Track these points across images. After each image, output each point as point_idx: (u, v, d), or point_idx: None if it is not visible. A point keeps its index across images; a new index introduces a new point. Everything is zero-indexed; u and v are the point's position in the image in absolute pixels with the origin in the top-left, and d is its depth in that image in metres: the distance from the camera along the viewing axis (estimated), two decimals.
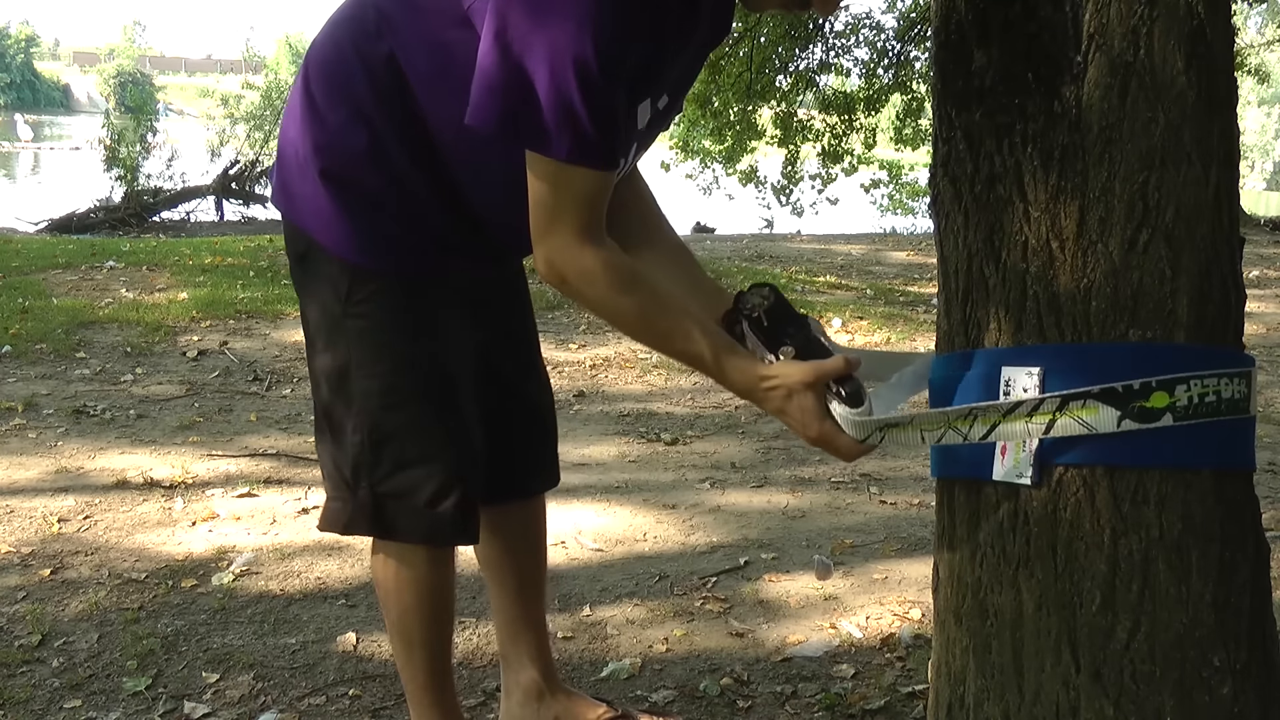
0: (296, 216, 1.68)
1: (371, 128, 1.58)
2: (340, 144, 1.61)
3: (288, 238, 1.74)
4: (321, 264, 1.67)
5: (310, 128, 1.63)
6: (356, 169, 1.61)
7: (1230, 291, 1.40)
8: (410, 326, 1.67)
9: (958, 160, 1.43)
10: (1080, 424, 1.33)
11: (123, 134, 15.34)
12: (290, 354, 5.19)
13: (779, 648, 2.43)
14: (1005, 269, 1.40)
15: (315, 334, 1.72)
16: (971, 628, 1.48)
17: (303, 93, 1.65)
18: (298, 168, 1.65)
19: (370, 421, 1.68)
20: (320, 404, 1.75)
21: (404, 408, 1.69)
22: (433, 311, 1.69)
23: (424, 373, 1.69)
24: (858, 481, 3.62)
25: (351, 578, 2.77)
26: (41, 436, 3.92)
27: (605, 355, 5.31)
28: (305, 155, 1.63)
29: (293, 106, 1.68)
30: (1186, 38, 1.32)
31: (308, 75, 1.65)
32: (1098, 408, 1.33)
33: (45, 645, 2.39)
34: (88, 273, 6.90)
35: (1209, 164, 1.36)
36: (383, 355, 1.67)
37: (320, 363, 1.72)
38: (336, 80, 1.61)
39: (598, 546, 3.00)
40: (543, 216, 1.45)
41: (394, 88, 1.56)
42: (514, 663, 2.03)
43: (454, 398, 1.72)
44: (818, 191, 15.98)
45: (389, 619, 1.82)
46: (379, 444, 1.69)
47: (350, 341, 1.67)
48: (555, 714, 2.01)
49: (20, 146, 35.96)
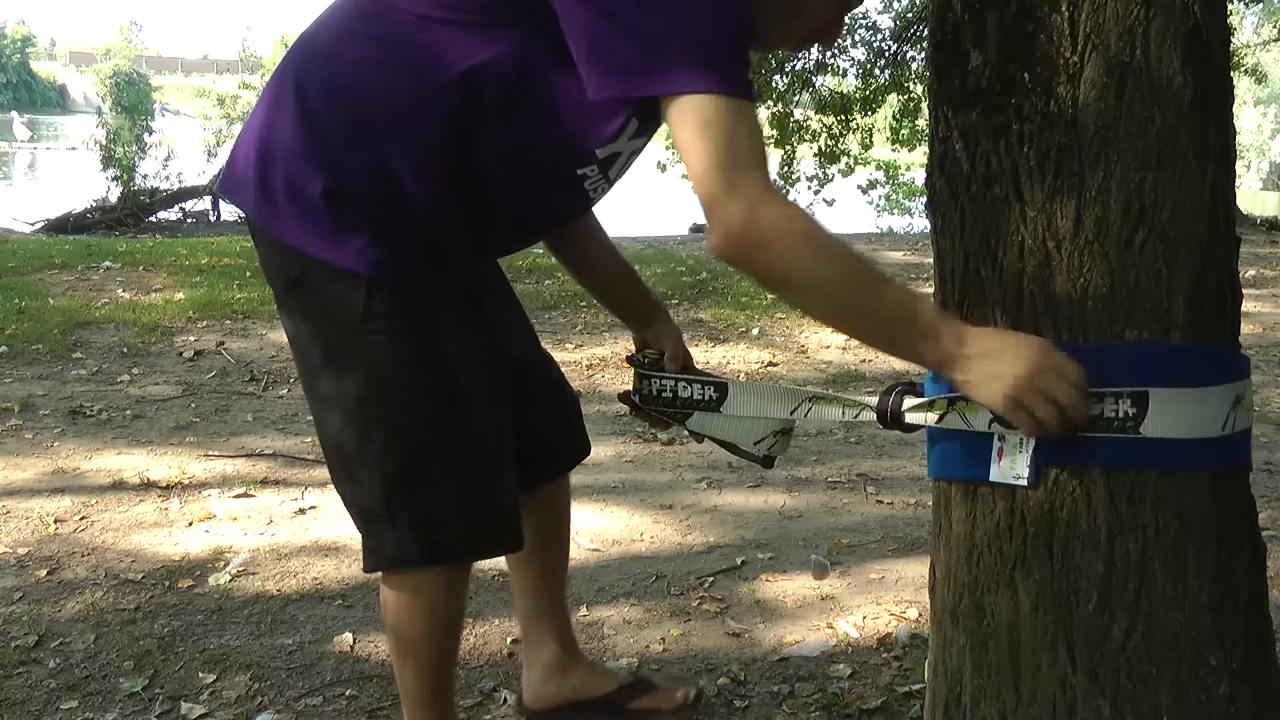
0: (289, 237, 1.54)
1: (395, 141, 1.48)
2: (352, 162, 1.49)
3: (274, 262, 1.59)
4: (325, 284, 1.54)
5: (312, 144, 1.50)
6: (371, 185, 1.50)
7: (1227, 291, 1.40)
8: (432, 336, 1.58)
9: (954, 160, 1.43)
10: (962, 419, 1.40)
11: (119, 134, 15.30)
12: (286, 355, 5.17)
13: (776, 648, 2.43)
14: (1002, 269, 1.40)
15: (325, 361, 1.59)
16: (968, 627, 1.48)
17: (298, 106, 1.51)
18: (287, 185, 1.52)
19: (403, 441, 1.58)
20: (334, 438, 1.62)
21: (436, 421, 1.59)
22: (449, 318, 1.61)
23: (450, 382, 1.60)
24: (854, 481, 3.62)
25: (348, 578, 2.76)
26: (38, 437, 3.91)
27: (602, 355, 5.31)
28: (301, 172, 1.50)
29: (277, 119, 1.53)
30: (1183, 38, 1.32)
31: (303, 87, 1.52)
32: (978, 409, 1.37)
33: (42, 646, 2.39)
34: (84, 273, 6.89)
35: (1205, 164, 1.36)
36: (409, 370, 1.57)
37: (334, 390, 1.59)
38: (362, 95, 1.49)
39: (594, 547, 3.00)
40: (720, 173, 1.24)
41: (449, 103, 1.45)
42: (536, 641, 2.07)
43: (479, 402, 1.64)
44: (814, 193, 15.97)
45: (398, 645, 1.75)
46: (414, 464, 1.59)
47: (372, 360, 1.56)
48: (577, 685, 2.06)
49: (16, 146, 35.90)
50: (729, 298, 6.73)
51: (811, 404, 1.67)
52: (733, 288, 7.01)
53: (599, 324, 5.81)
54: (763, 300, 6.59)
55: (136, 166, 15.18)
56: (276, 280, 1.61)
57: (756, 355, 5.55)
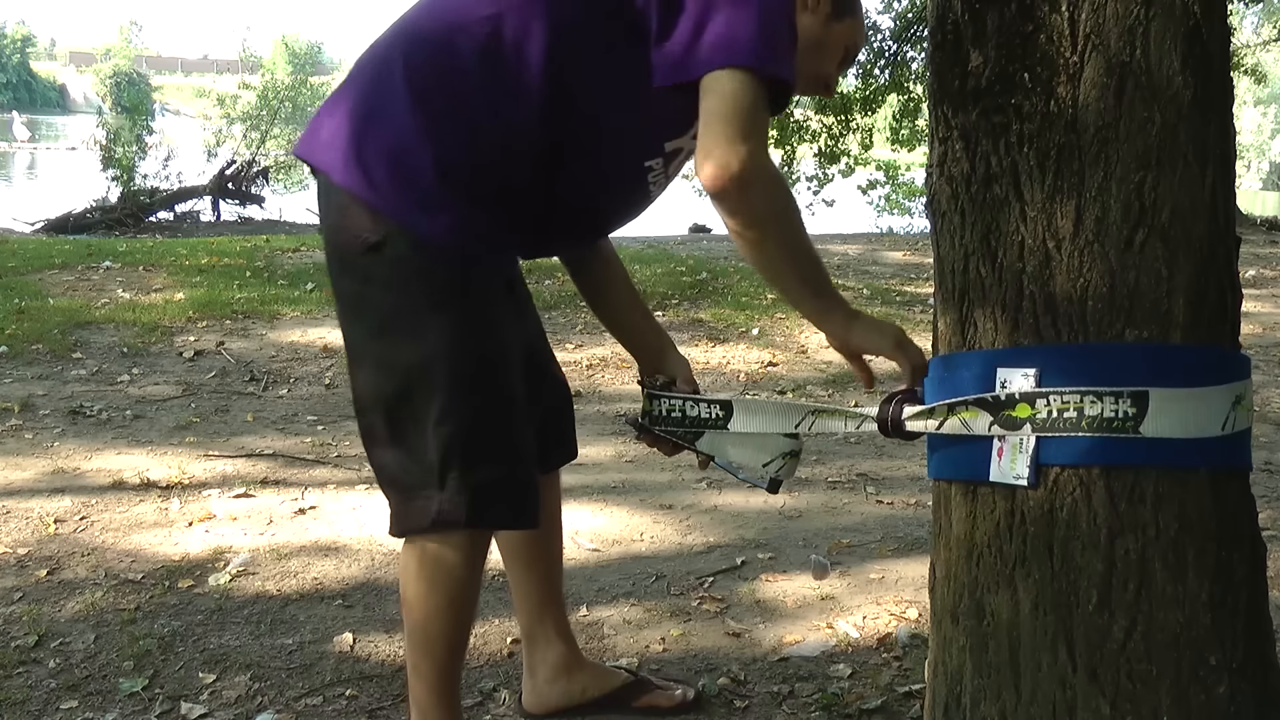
0: (381, 203, 1.63)
1: (494, 127, 1.61)
2: (458, 143, 1.61)
3: (351, 225, 1.66)
4: (406, 251, 1.63)
5: (423, 123, 1.61)
6: (473, 167, 1.62)
7: (1226, 291, 1.40)
8: (493, 312, 1.71)
9: (954, 160, 1.43)
10: (962, 424, 1.43)
11: (119, 134, 15.31)
12: (286, 354, 5.19)
13: (776, 648, 2.43)
14: (1001, 269, 1.40)
15: (392, 325, 1.67)
16: (968, 627, 1.48)
17: (408, 86, 1.62)
18: (391, 157, 1.62)
19: (462, 408, 1.67)
20: (388, 400, 1.70)
21: (492, 394, 1.70)
22: (503, 298, 1.75)
23: (505, 356, 1.72)
24: (854, 481, 3.62)
25: (348, 578, 2.76)
26: (38, 437, 3.91)
27: (602, 355, 5.31)
28: (409, 146, 1.61)
29: (382, 96, 1.64)
30: (1183, 38, 1.33)
31: (414, 69, 1.62)
32: (977, 412, 1.41)
33: (42, 646, 2.39)
34: (84, 273, 6.89)
35: (1205, 164, 1.36)
36: (474, 341, 1.68)
37: (396, 354, 1.68)
38: (467, 82, 1.61)
39: (594, 547, 3.00)
40: (732, 127, 1.47)
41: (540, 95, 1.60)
42: (540, 641, 2.09)
43: (520, 381, 1.76)
44: (814, 193, 15.97)
45: (412, 619, 1.79)
46: (472, 430, 1.68)
47: (441, 328, 1.65)
48: (583, 685, 2.10)
49: (16, 146, 35.91)
50: (729, 298, 6.73)
51: (815, 416, 1.72)
52: (733, 288, 7.01)
53: (599, 324, 5.78)
54: (763, 300, 6.59)
55: (136, 166, 15.19)
56: (350, 244, 1.67)
57: (756, 355, 5.55)
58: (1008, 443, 1.40)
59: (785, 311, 6.31)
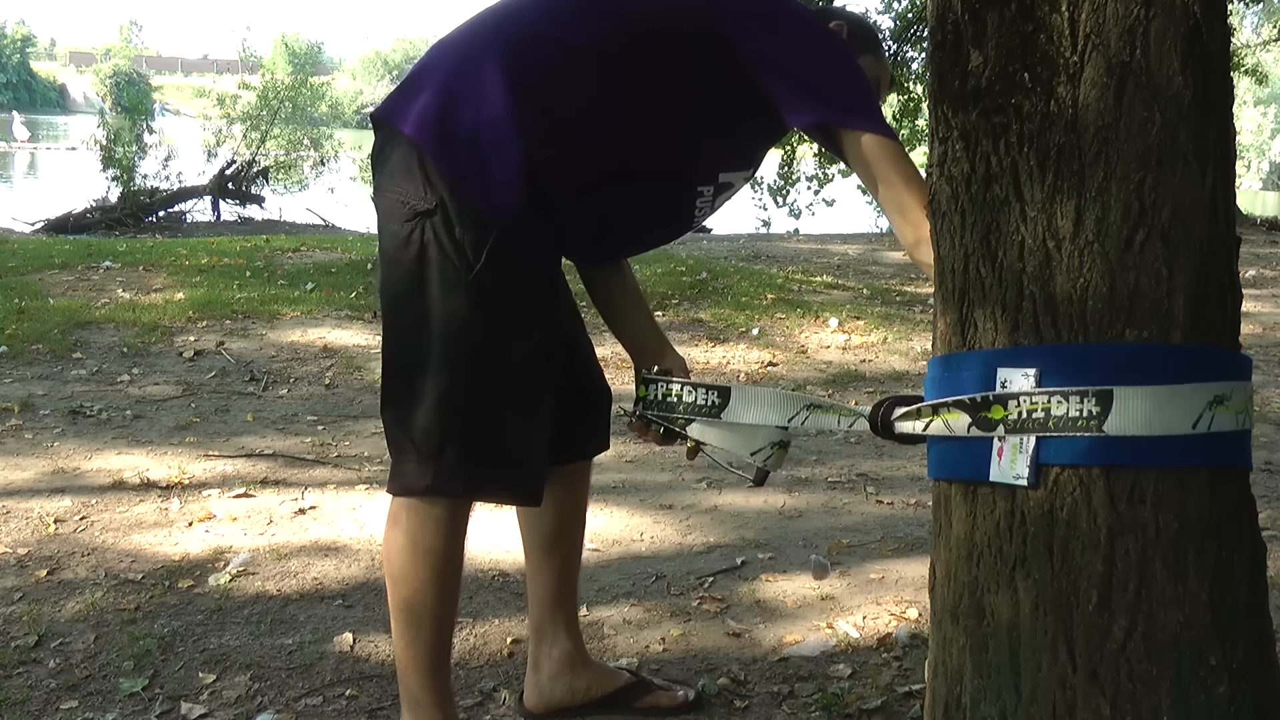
0: (451, 171, 1.70)
1: (578, 135, 1.72)
2: (543, 137, 1.70)
3: (407, 188, 1.72)
4: (459, 221, 1.70)
5: (520, 114, 1.69)
6: (552, 162, 1.71)
7: (1227, 291, 1.40)
8: (528, 296, 1.77)
9: (954, 160, 1.43)
10: (945, 426, 1.45)
11: (119, 134, 15.31)
12: (286, 354, 5.19)
13: (776, 648, 2.43)
14: (1001, 269, 1.40)
15: (426, 289, 1.72)
16: (968, 627, 1.48)
17: (507, 78, 1.70)
18: (478, 134, 1.70)
19: (482, 380, 1.74)
20: (410, 362, 1.76)
21: (513, 370, 1.76)
22: (542, 286, 1.82)
23: (530, 340, 1.78)
24: (854, 481, 3.62)
25: (348, 578, 2.77)
26: (38, 437, 3.91)
27: (602, 355, 5.29)
28: (507, 135, 1.69)
29: (476, 80, 1.71)
30: (1183, 37, 1.33)
31: (514, 62, 1.71)
32: (958, 414, 1.43)
33: (42, 646, 2.39)
34: (84, 273, 6.89)
35: (1205, 164, 1.36)
36: (503, 320, 1.74)
37: (426, 318, 1.73)
38: (562, 85, 1.72)
39: (594, 547, 3.00)
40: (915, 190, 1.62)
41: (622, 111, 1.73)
42: (549, 636, 2.10)
43: (547, 367, 1.83)
44: (814, 193, 15.97)
45: (398, 597, 1.84)
46: (487, 403, 1.75)
47: (475, 301, 1.71)
48: (586, 684, 2.11)
49: (16, 146, 35.86)
50: (729, 298, 6.73)
51: (810, 411, 1.74)
52: (733, 288, 7.01)
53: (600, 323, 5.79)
54: (763, 300, 6.60)
55: (136, 166, 15.18)
56: (398, 207, 1.73)
57: (756, 355, 5.55)
58: (1008, 443, 1.40)
59: (785, 311, 6.32)
